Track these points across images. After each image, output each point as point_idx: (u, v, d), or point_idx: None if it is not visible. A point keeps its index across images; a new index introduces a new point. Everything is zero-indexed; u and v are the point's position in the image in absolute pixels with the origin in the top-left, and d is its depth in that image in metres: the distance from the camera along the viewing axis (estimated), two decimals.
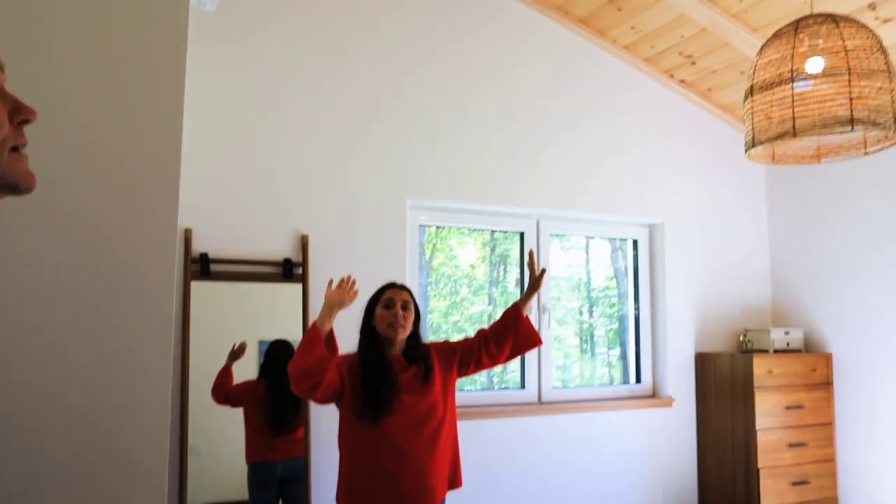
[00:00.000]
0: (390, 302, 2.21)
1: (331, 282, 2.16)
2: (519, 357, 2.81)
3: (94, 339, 1.51)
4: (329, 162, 3.20)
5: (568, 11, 3.72)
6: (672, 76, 3.97)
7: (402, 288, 2.27)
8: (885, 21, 3.14)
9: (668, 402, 3.86)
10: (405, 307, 2.21)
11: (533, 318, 3.44)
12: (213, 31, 3.01)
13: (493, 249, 3.83)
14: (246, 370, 2.93)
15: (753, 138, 2.29)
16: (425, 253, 3.56)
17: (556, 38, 3.76)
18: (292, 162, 3.13)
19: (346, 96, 3.27)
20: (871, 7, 3.11)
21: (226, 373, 2.88)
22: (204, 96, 2.96)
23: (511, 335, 2.32)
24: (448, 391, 2.24)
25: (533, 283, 2.40)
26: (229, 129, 3.03)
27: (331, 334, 2.13)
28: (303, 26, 3.22)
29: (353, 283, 2.15)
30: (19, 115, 0.79)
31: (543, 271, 2.41)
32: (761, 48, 2.35)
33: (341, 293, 2.12)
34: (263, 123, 3.10)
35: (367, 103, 3.31)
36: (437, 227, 3.63)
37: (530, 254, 2.44)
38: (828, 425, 3.78)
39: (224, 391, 2.86)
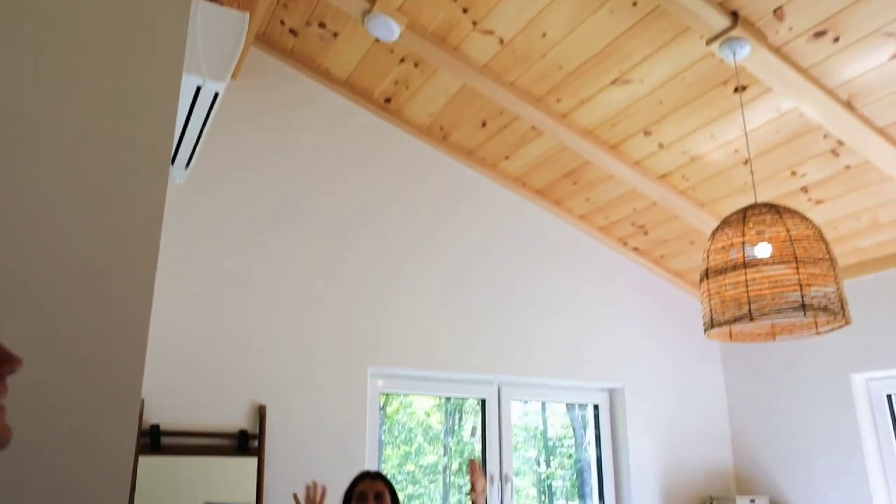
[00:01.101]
0: (363, 496, 2.17)
1: (294, 495, 2.04)
2: None
3: None
4: (287, 330, 3.16)
5: (525, 183, 3.93)
6: (626, 244, 4.15)
7: (376, 477, 2.24)
8: (818, 202, 3.40)
9: None
10: (379, 497, 2.16)
11: (494, 489, 3.33)
12: (174, 203, 3.05)
13: (448, 398, 3.79)
14: None
15: (712, 320, 2.38)
16: (379, 400, 3.49)
17: (514, 207, 3.93)
18: (249, 330, 3.08)
19: (304, 264, 3.30)
20: (804, 190, 3.37)
21: None
22: (160, 264, 2.95)
23: None
24: None
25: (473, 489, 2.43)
26: (183, 296, 3.00)
27: None
28: (258, 196, 3.30)
29: (324, 492, 2.04)
30: (2, 367, 0.65)
31: (485, 481, 2.46)
32: (712, 234, 2.50)
33: None
34: (219, 292, 3.08)
35: (324, 272, 3.34)
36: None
37: (471, 463, 2.49)
38: None
39: None
